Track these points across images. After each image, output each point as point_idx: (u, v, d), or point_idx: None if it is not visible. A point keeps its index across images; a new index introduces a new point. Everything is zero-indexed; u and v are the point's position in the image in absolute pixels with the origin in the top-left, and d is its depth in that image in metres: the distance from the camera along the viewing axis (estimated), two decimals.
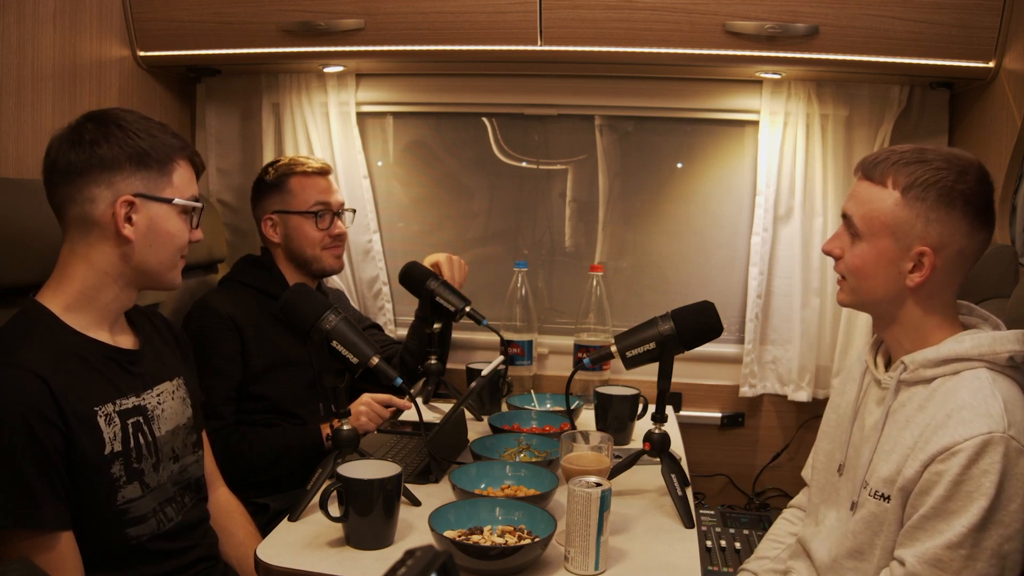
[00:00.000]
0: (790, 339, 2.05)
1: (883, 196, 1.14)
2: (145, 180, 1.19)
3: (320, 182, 1.84)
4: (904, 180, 1.12)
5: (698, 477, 2.08)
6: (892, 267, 1.14)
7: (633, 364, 1.37)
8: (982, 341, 1.10)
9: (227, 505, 1.46)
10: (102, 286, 1.19)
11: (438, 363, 1.88)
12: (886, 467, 1.12)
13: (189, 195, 1.24)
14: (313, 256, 1.82)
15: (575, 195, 2.25)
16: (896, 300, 1.16)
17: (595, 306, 2.00)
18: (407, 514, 1.27)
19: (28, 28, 1.57)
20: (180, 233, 1.23)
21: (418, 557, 0.56)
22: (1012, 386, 1.09)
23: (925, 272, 1.12)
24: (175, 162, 1.22)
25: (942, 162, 1.12)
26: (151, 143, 1.19)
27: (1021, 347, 1.09)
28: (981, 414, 1.03)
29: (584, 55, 1.79)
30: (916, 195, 1.11)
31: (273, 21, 1.83)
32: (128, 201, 1.17)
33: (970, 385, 1.08)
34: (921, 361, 1.13)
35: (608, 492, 1.10)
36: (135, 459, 1.18)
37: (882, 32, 1.66)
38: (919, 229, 1.12)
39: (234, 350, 1.68)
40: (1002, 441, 1.00)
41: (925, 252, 1.11)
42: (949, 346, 1.12)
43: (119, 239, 1.17)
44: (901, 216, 1.12)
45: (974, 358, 1.10)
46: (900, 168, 1.13)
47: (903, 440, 1.11)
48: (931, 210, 1.11)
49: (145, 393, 1.24)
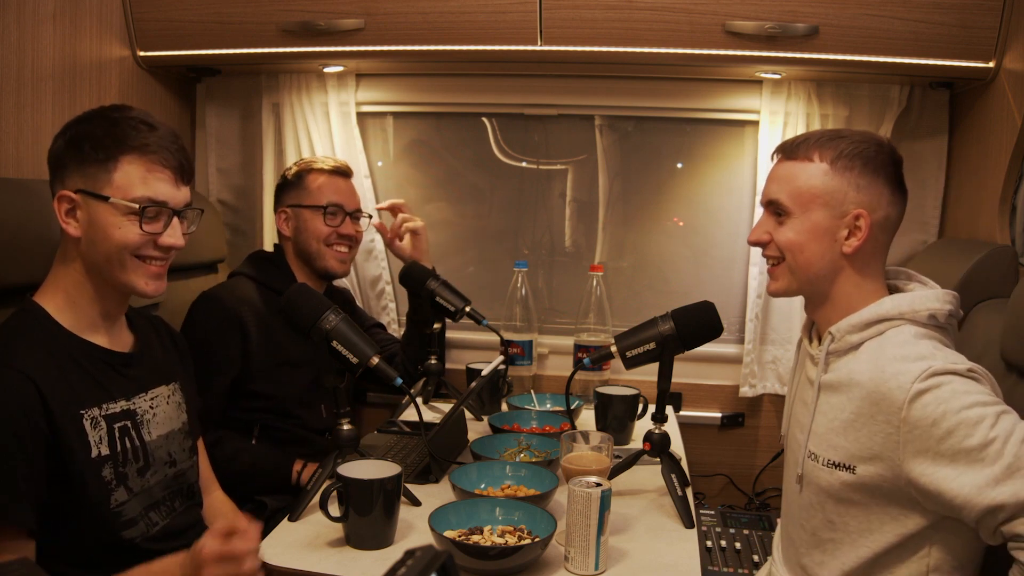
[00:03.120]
0: (790, 339, 2.05)
1: (811, 169, 1.18)
2: (84, 176, 1.15)
3: (337, 181, 1.86)
4: (831, 152, 1.17)
5: (698, 477, 2.08)
6: (827, 236, 1.17)
7: (633, 364, 1.37)
8: (902, 301, 1.13)
9: (222, 508, 1.46)
10: (79, 285, 1.18)
11: (438, 363, 1.89)
12: (837, 439, 1.12)
13: (139, 194, 1.15)
14: (317, 251, 1.82)
15: (575, 195, 2.25)
16: (831, 272, 1.18)
17: (595, 306, 2.00)
18: (407, 514, 1.27)
19: (28, 28, 1.57)
20: (123, 234, 1.15)
21: (418, 557, 0.56)
22: (936, 342, 1.10)
23: (863, 235, 1.15)
24: (118, 159, 1.15)
25: (860, 136, 1.18)
26: (93, 138, 1.15)
27: (940, 305, 1.12)
28: (912, 359, 1.05)
29: (584, 55, 1.79)
30: (844, 164, 1.16)
31: (273, 21, 1.83)
32: (66, 197, 1.15)
33: (896, 339, 1.10)
34: (846, 328, 1.15)
35: (608, 492, 1.10)
36: (121, 463, 1.17)
37: (882, 32, 1.66)
38: (852, 196, 1.16)
39: (234, 346, 1.69)
40: (943, 368, 1.02)
41: (861, 214, 1.15)
42: (871, 309, 1.14)
43: (70, 236, 1.16)
44: (832, 185, 1.16)
45: (894, 317, 1.12)
46: (824, 143, 1.18)
47: (842, 406, 1.12)
48: (859, 177, 1.16)
49: (136, 397, 1.23)
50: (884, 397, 1.05)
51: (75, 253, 1.18)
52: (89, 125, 1.16)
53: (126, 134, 1.15)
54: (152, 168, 1.17)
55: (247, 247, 2.18)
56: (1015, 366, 1.28)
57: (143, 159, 1.16)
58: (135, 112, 1.19)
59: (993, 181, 1.69)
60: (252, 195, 2.23)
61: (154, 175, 1.17)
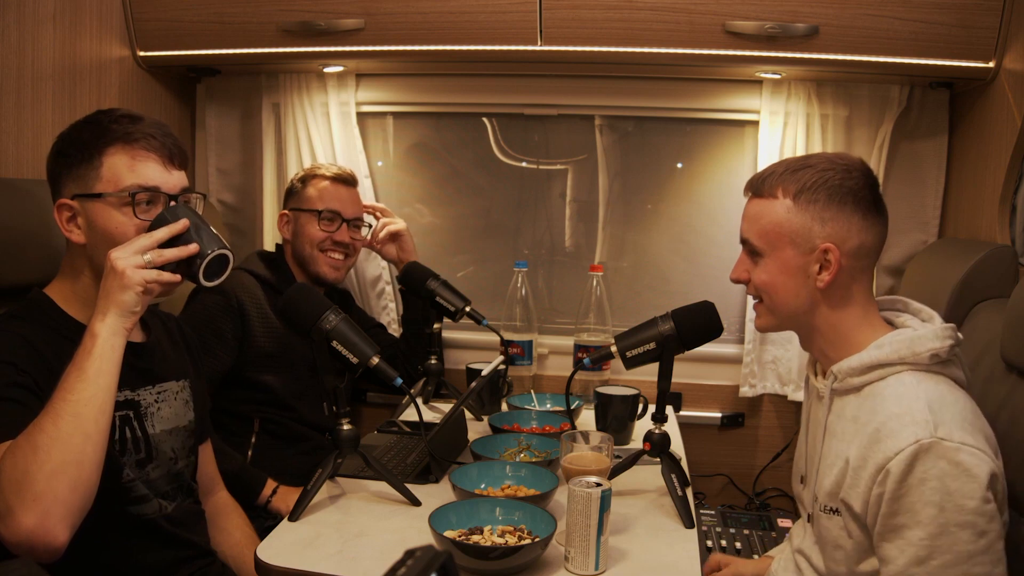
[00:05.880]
0: (790, 339, 2.05)
1: (775, 207, 1.16)
2: (75, 180, 1.15)
3: (338, 188, 1.88)
4: (793, 187, 1.15)
5: (698, 477, 2.08)
6: (799, 273, 1.16)
7: (633, 364, 1.37)
8: (901, 344, 1.10)
9: (226, 506, 1.46)
10: (88, 289, 1.19)
11: (438, 363, 1.89)
12: (828, 480, 1.12)
13: (128, 183, 1.14)
14: (311, 256, 1.84)
15: (575, 195, 2.25)
16: (810, 308, 1.17)
17: (595, 306, 2.00)
18: (407, 514, 1.27)
19: (28, 28, 1.57)
20: (123, 228, 1.14)
21: (418, 557, 0.56)
22: (939, 384, 1.08)
23: (833, 269, 1.13)
24: (102, 153, 1.14)
25: (826, 164, 1.15)
26: (78, 142, 1.15)
27: (940, 343, 1.09)
28: (906, 423, 1.02)
29: (584, 55, 1.79)
30: (807, 198, 1.14)
31: (273, 21, 1.83)
32: (65, 205, 1.16)
33: (894, 392, 1.08)
34: (847, 370, 1.14)
35: (608, 492, 1.10)
36: (119, 452, 1.18)
37: (882, 32, 1.66)
38: (817, 230, 1.14)
39: (232, 330, 1.70)
40: (930, 447, 0.99)
41: (829, 248, 1.13)
42: (871, 352, 1.12)
43: (75, 244, 1.17)
44: (796, 222, 1.15)
45: (895, 362, 1.10)
46: (787, 177, 1.16)
47: (841, 452, 1.11)
48: (824, 210, 1.14)
49: (141, 388, 1.23)
50: (869, 455, 1.04)
51: (83, 260, 1.18)
52: (74, 131, 1.18)
53: (108, 129, 1.16)
54: (136, 154, 1.16)
55: (247, 247, 2.18)
56: (1015, 366, 1.27)
57: (127, 148, 1.15)
58: (119, 111, 1.19)
59: (993, 181, 1.69)
60: (252, 195, 2.23)
61: (140, 161, 1.16)
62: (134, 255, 1.08)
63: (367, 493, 1.36)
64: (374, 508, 1.30)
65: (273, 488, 1.65)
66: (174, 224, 1.12)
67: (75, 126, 1.18)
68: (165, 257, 1.10)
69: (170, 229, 1.11)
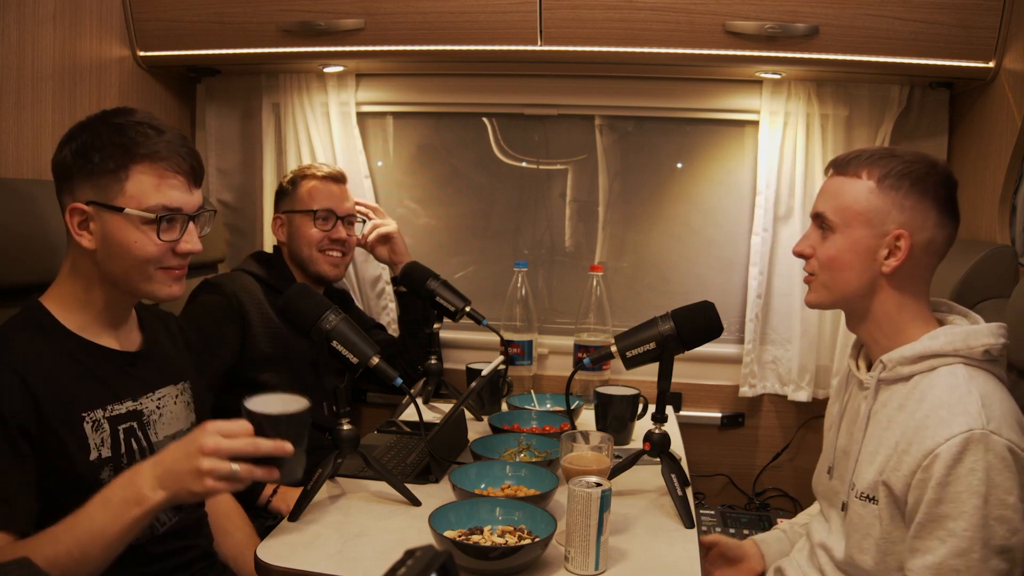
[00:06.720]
0: (790, 339, 2.05)
1: (857, 186, 1.17)
2: (96, 187, 1.12)
3: (329, 186, 1.88)
4: (879, 171, 1.16)
5: (698, 477, 2.08)
6: (867, 255, 1.17)
7: (633, 364, 1.37)
8: (956, 336, 1.11)
9: (226, 506, 1.46)
10: (90, 293, 1.17)
11: (438, 363, 1.89)
12: (870, 469, 1.12)
13: (153, 203, 1.13)
14: (310, 257, 1.84)
15: (575, 195, 2.25)
16: (870, 291, 1.18)
17: (595, 306, 2.00)
18: (407, 514, 1.27)
19: (28, 28, 1.57)
20: (141, 244, 1.13)
21: (418, 557, 0.56)
22: (989, 380, 1.09)
23: (902, 255, 1.14)
24: (129, 168, 1.12)
25: (914, 156, 1.17)
26: (101, 147, 1.12)
27: (995, 340, 1.10)
28: (958, 412, 1.03)
29: (584, 55, 1.79)
30: (891, 184, 1.15)
31: (273, 21, 1.83)
32: (78, 209, 1.13)
33: (946, 382, 1.09)
34: (898, 359, 1.14)
35: (608, 492, 1.10)
36: (125, 465, 1.15)
37: (882, 32, 1.66)
38: (894, 215, 1.15)
39: (233, 331, 1.70)
40: (982, 438, 1.00)
41: (902, 235, 1.14)
42: (924, 343, 1.13)
43: (83, 248, 1.14)
44: (876, 203, 1.16)
45: (949, 354, 1.11)
46: (875, 161, 1.17)
47: (886, 440, 1.11)
48: (905, 198, 1.15)
49: (143, 397, 1.22)
50: (915, 440, 1.05)
51: (89, 265, 1.16)
52: (95, 133, 1.14)
53: (135, 141, 1.13)
54: (164, 175, 1.15)
55: (247, 247, 2.19)
56: (1015, 366, 1.28)
57: (155, 166, 1.14)
58: (140, 115, 1.17)
59: (993, 181, 1.69)
60: (252, 195, 2.23)
61: (167, 182, 1.15)
62: (224, 461, 1.00)
63: (367, 493, 1.36)
64: (374, 508, 1.30)
65: (273, 488, 1.65)
66: (281, 445, 1.02)
67: (95, 126, 1.14)
68: (251, 472, 1.01)
69: (275, 449, 1.02)
